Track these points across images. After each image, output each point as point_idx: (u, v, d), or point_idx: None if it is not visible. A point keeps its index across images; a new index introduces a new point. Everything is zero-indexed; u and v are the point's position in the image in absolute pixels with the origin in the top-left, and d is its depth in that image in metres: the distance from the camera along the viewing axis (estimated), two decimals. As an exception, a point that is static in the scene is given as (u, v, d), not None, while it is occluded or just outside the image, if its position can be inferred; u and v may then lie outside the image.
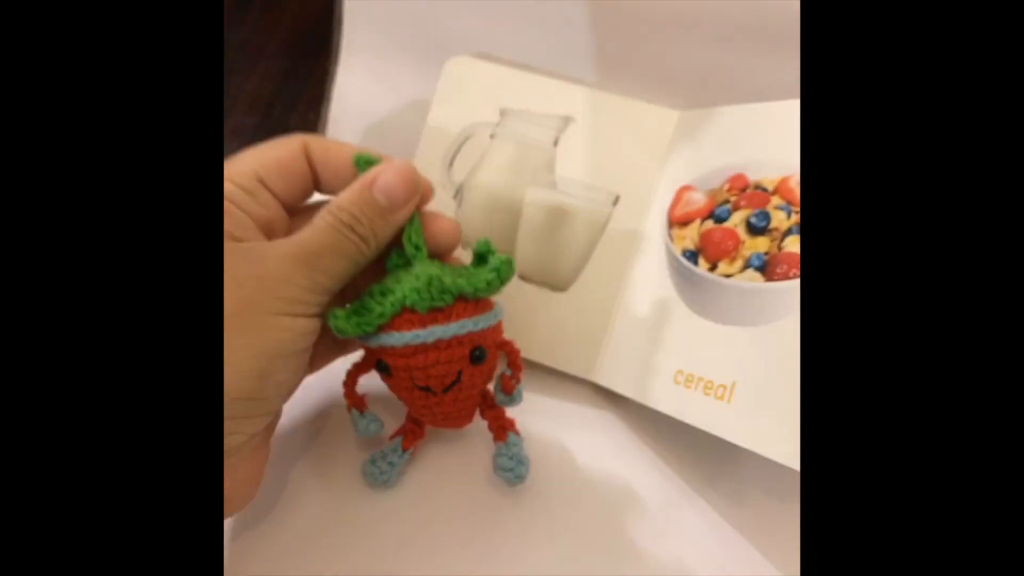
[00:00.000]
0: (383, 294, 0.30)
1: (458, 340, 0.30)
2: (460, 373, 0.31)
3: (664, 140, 0.38)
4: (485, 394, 0.34)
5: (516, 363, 0.33)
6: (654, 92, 0.40)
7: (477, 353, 0.31)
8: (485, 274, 0.32)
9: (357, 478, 0.34)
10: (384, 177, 0.28)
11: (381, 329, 0.30)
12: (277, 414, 0.31)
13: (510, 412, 0.34)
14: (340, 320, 0.29)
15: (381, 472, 0.33)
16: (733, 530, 0.33)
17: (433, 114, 0.42)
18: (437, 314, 0.30)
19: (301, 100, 0.50)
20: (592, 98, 0.40)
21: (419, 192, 0.30)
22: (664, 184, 0.38)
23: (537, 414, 0.37)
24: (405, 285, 0.30)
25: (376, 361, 0.32)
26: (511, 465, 0.32)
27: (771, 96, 0.34)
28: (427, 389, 0.31)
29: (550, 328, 0.39)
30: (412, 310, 0.30)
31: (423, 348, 0.30)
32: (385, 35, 0.46)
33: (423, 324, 0.30)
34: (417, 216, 0.32)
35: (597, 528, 0.33)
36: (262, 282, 0.25)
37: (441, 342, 0.30)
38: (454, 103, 0.42)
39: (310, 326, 0.28)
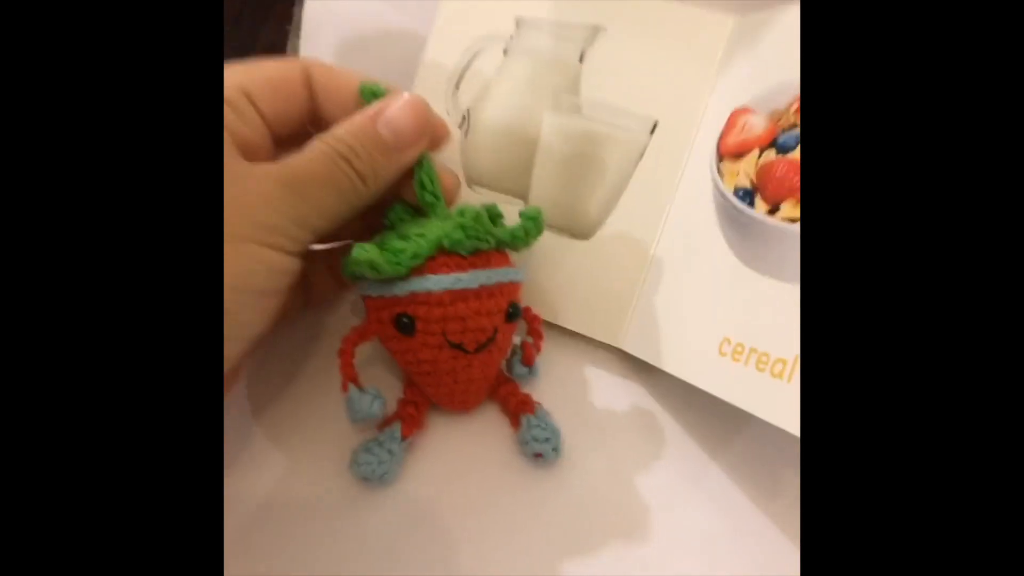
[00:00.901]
0: (407, 238, 0.26)
1: (500, 289, 0.27)
2: (496, 331, 0.27)
3: (715, 53, 0.31)
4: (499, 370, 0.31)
5: (537, 330, 0.30)
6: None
7: (512, 309, 0.28)
8: (521, 223, 0.28)
9: (345, 473, 0.28)
10: (391, 110, 0.26)
11: (413, 273, 0.26)
12: (235, 367, 0.27)
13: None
14: (370, 252, 0.25)
15: (380, 462, 0.27)
16: (774, 530, 0.28)
17: (436, 28, 0.35)
18: (476, 259, 0.27)
19: (275, 10, 0.44)
20: (627, 3, 0.33)
21: (429, 132, 0.27)
22: (714, 107, 0.30)
23: (552, 386, 0.31)
24: (438, 227, 0.26)
25: (396, 317, 0.27)
26: (546, 435, 0.28)
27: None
28: (459, 347, 0.27)
29: (569, 284, 0.33)
30: (450, 252, 0.27)
31: (463, 295, 0.26)
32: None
33: (462, 268, 0.26)
34: (429, 160, 0.28)
35: (622, 525, 0.28)
36: (237, 202, 0.22)
37: (484, 289, 0.26)
38: (460, 14, 0.35)
39: (287, 265, 0.24)
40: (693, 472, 0.29)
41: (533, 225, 0.28)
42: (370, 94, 0.27)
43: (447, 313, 0.26)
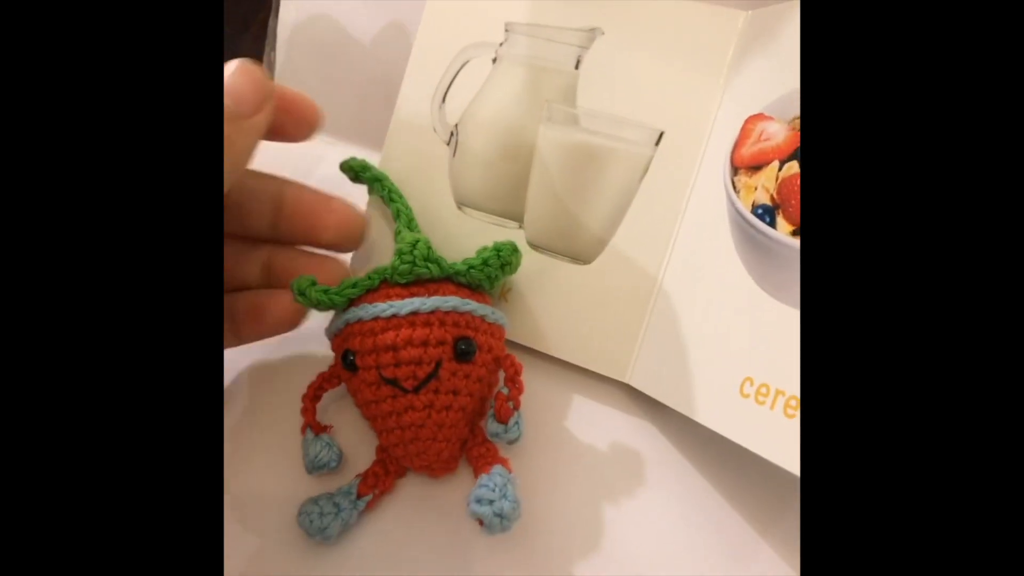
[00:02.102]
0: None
1: (439, 318, 0.25)
2: (438, 365, 0.25)
3: (726, 53, 0.28)
4: (475, 430, 0.27)
5: (516, 381, 0.26)
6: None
7: (463, 346, 0.25)
8: (482, 252, 0.27)
9: (291, 524, 0.26)
10: (224, 79, 0.24)
11: (352, 304, 0.26)
12: None
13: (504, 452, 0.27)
14: (303, 283, 0.26)
15: (322, 515, 0.25)
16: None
17: (418, 39, 0.32)
18: (418, 288, 0.26)
19: (256, 20, 0.41)
20: (626, 1, 0.30)
21: (271, 96, 0.25)
22: (725, 114, 0.27)
23: (549, 428, 0.28)
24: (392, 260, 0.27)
25: (342, 355, 0.26)
26: (492, 497, 0.24)
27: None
28: (395, 383, 0.25)
29: (570, 313, 0.30)
30: (392, 283, 0.26)
31: (395, 323, 0.25)
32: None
33: (400, 297, 0.26)
34: (387, 178, 0.30)
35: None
36: None
37: (417, 317, 0.25)
38: (445, 21, 0.32)
39: None
40: (708, 519, 0.26)
41: (493, 255, 0.27)
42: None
43: (377, 343, 0.25)
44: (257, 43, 0.42)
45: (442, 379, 0.25)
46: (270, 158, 0.39)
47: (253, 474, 0.28)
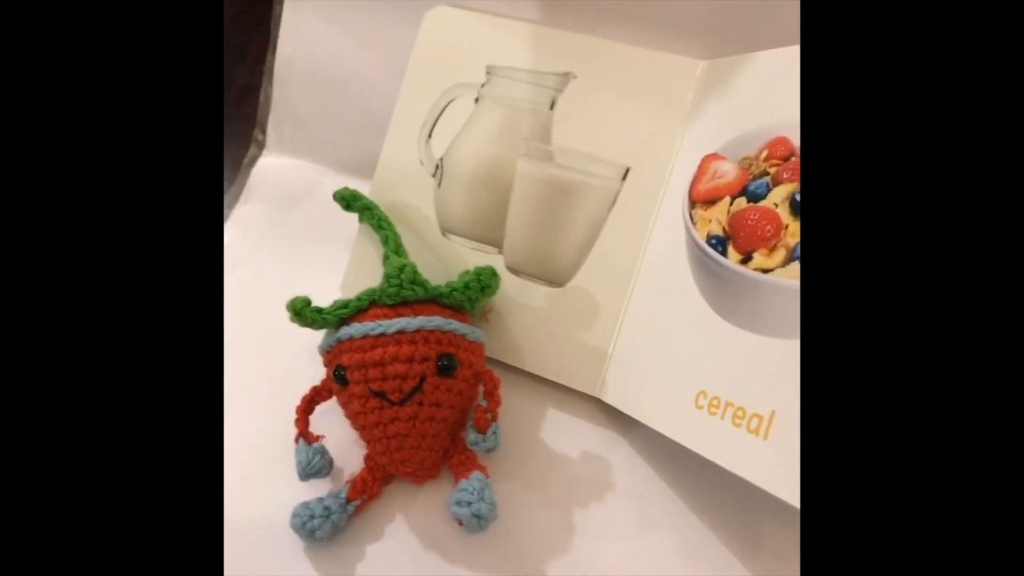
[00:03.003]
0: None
1: (423, 336, 0.27)
2: (422, 380, 0.27)
3: (685, 98, 0.31)
4: (456, 439, 0.30)
5: (494, 394, 0.28)
6: (671, 39, 0.32)
7: (445, 362, 0.28)
8: (464, 276, 0.30)
9: (286, 527, 0.28)
10: None
11: (344, 323, 0.28)
12: None
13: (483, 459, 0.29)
14: (298, 303, 0.28)
15: (312, 517, 0.27)
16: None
17: (408, 76, 0.35)
18: (404, 309, 0.28)
19: (252, 50, 0.44)
20: (596, 49, 0.32)
21: None
22: (685, 153, 0.30)
23: (526, 439, 0.31)
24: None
25: (334, 370, 0.29)
26: (470, 499, 0.26)
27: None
28: (382, 395, 0.27)
29: (545, 332, 0.32)
30: (380, 305, 0.28)
31: (382, 340, 0.27)
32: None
33: (388, 317, 0.28)
34: (378, 208, 0.33)
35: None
36: None
37: (403, 335, 0.27)
38: (433, 62, 0.35)
39: None
40: (671, 524, 0.29)
41: (474, 279, 0.29)
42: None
43: (366, 359, 0.27)
44: (253, 72, 0.44)
45: (426, 392, 0.27)
46: (268, 183, 0.42)
47: (248, 481, 0.30)
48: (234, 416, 0.32)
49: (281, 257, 0.39)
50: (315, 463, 0.28)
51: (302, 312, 0.28)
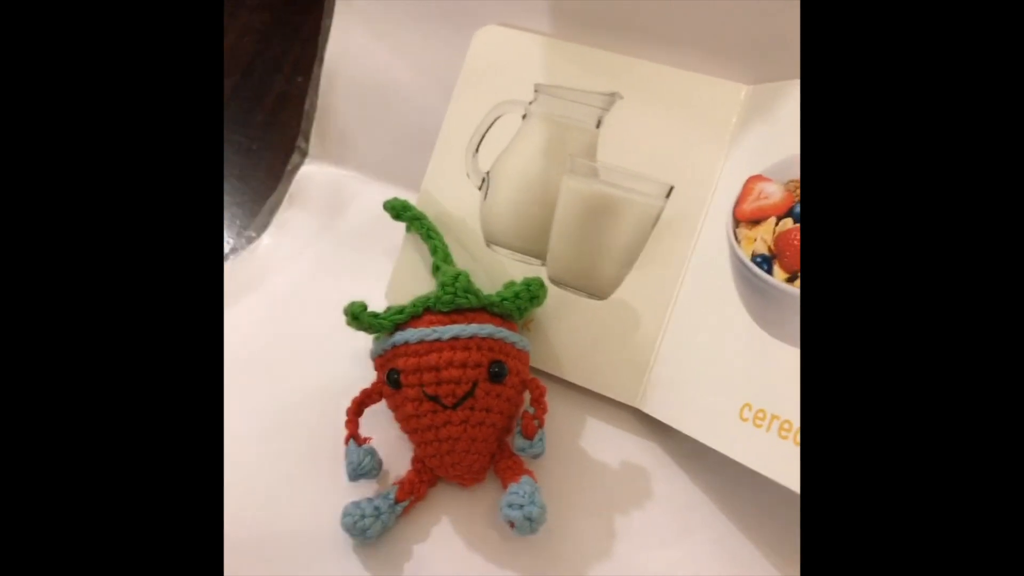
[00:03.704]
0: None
1: (477, 343, 0.28)
2: (475, 385, 0.28)
3: (729, 120, 0.32)
4: (502, 445, 0.31)
5: (540, 401, 0.29)
6: (717, 63, 0.33)
7: (496, 369, 0.29)
8: (514, 286, 0.31)
9: (336, 526, 0.28)
10: None
11: (398, 328, 0.29)
12: None
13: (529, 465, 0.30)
14: (356, 308, 0.28)
15: (363, 517, 0.28)
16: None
17: (456, 91, 0.36)
18: (458, 316, 0.29)
19: (287, 60, 0.45)
20: (643, 71, 0.34)
21: None
22: (728, 173, 0.31)
23: (566, 448, 0.32)
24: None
25: (387, 374, 0.29)
26: (520, 502, 0.27)
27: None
28: (436, 399, 0.28)
29: (587, 343, 0.33)
30: (434, 312, 0.29)
31: (438, 346, 0.28)
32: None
33: (442, 324, 0.29)
34: (428, 221, 0.34)
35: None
36: None
37: (458, 341, 0.28)
38: (482, 79, 0.36)
39: None
40: (711, 533, 0.29)
41: (524, 289, 0.31)
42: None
43: (421, 363, 0.28)
44: (290, 83, 0.46)
45: (478, 397, 0.28)
46: (311, 191, 0.43)
47: (294, 482, 0.31)
48: (279, 419, 0.33)
49: (321, 262, 0.40)
50: (366, 464, 0.29)
51: (360, 316, 0.28)
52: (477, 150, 0.36)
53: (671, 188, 0.33)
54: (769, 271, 0.28)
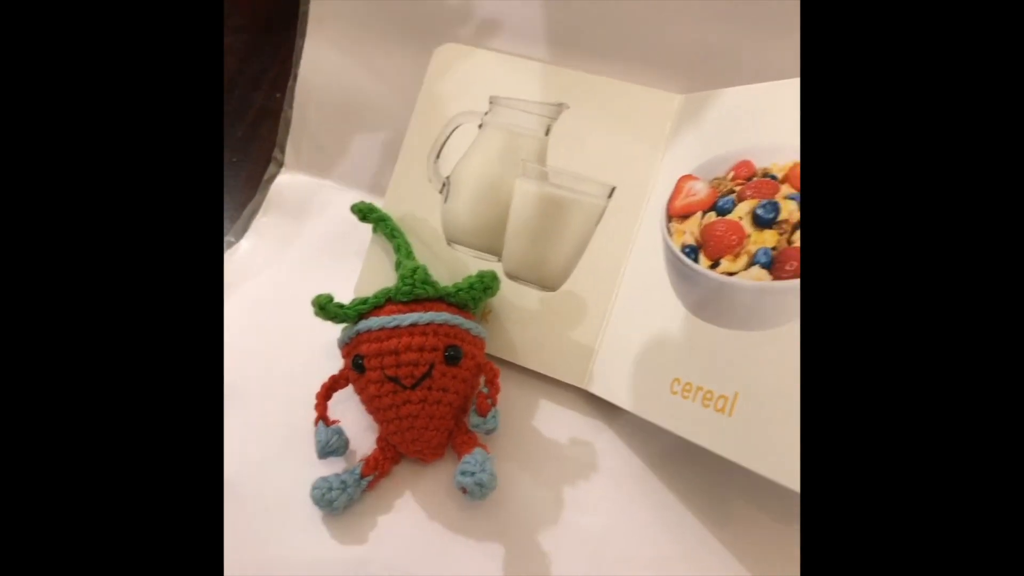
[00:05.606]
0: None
1: (433, 329, 0.31)
2: (431, 367, 0.30)
3: (664, 126, 0.35)
4: (459, 423, 0.33)
5: (494, 383, 0.32)
6: (653, 75, 0.37)
7: (451, 352, 0.31)
8: (469, 278, 0.33)
9: (306, 499, 0.31)
10: None
11: (362, 318, 0.32)
12: None
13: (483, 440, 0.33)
14: (323, 299, 0.31)
15: (330, 489, 0.30)
16: (725, 553, 0.30)
17: (420, 104, 0.39)
18: (416, 305, 0.32)
19: (265, 78, 0.48)
20: (586, 83, 0.37)
21: None
22: (663, 174, 0.34)
23: (520, 427, 0.34)
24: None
25: (353, 359, 0.32)
26: (473, 469, 0.30)
27: (780, 76, 0.30)
28: (396, 380, 0.30)
29: (539, 331, 0.36)
30: (395, 302, 0.32)
31: (397, 332, 0.31)
32: (358, 5, 0.43)
33: (401, 312, 0.31)
34: (391, 220, 0.36)
35: (578, 552, 0.30)
36: None
37: (416, 328, 0.31)
38: (442, 92, 0.39)
39: None
40: (649, 500, 0.32)
41: (478, 280, 0.33)
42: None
43: (382, 348, 0.31)
44: (269, 98, 0.48)
45: (434, 378, 0.31)
46: (286, 198, 0.46)
47: (271, 460, 0.33)
48: (257, 405, 0.35)
49: (297, 264, 0.43)
50: (333, 442, 0.31)
51: (327, 307, 0.31)
52: (438, 157, 0.39)
53: (613, 189, 0.36)
54: (696, 259, 0.31)
